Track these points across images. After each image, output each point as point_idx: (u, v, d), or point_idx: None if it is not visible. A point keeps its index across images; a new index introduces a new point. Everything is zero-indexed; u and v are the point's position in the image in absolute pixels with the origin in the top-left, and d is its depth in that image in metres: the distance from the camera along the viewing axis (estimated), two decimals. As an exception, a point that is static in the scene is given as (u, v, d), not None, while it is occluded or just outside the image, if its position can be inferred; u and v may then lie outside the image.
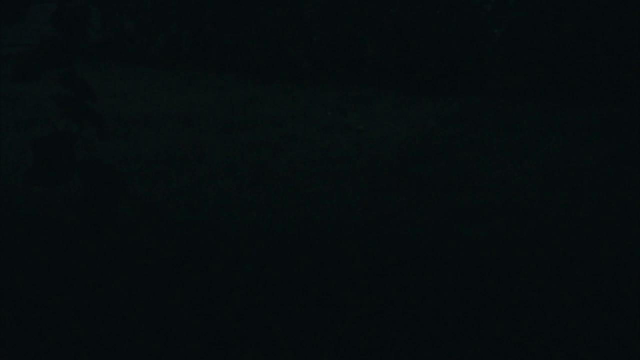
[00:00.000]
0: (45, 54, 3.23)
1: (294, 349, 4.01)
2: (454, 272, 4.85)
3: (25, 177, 3.10)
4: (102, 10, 10.65)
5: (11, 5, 3.31)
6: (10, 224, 5.50)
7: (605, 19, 8.68)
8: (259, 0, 10.04)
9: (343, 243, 5.28)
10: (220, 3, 10.28)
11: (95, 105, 3.43)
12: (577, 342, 4.05)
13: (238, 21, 10.20)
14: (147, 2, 10.73)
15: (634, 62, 8.60)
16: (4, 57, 8.74)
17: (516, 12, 8.86)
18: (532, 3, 8.82)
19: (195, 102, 8.71)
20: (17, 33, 7.22)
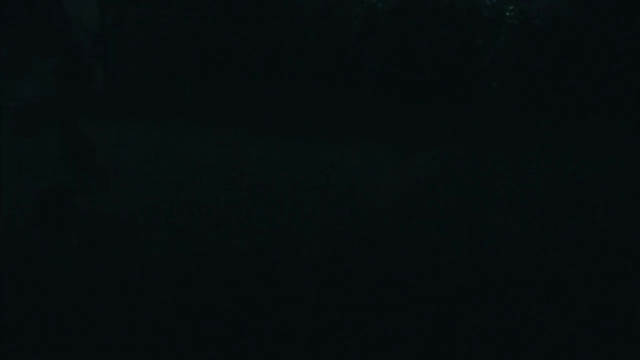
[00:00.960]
0: (48, 108, 3.29)
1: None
2: (452, 296, 4.86)
3: (26, 228, 3.14)
4: (105, 63, 10.76)
5: (15, 59, 3.38)
6: (11, 273, 5.51)
7: (601, 68, 8.77)
8: (259, 56, 10.14)
9: (341, 284, 5.30)
10: (219, 58, 10.38)
11: (96, 157, 3.48)
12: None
13: (239, 76, 10.30)
14: (149, 55, 10.84)
15: (631, 110, 8.67)
16: (7, 109, 8.82)
17: (513, 64, 8.96)
18: (529, 56, 8.91)
19: (195, 152, 8.76)
20: (20, 85, 7.31)
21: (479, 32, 9.13)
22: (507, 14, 9.01)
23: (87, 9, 8.76)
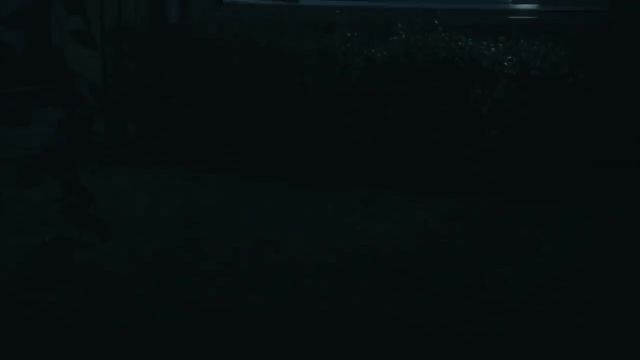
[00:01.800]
0: (49, 160, 3.29)
1: None
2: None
3: (26, 283, 3.13)
4: (106, 115, 10.81)
5: (15, 108, 3.39)
6: (11, 329, 5.47)
7: (601, 118, 8.79)
8: (260, 102, 10.18)
9: (342, 341, 5.27)
10: (220, 105, 10.42)
11: (97, 208, 3.47)
12: None
13: (239, 123, 10.32)
14: (149, 105, 10.88)
15: (631, 161, 8.68)
16: (5, 160, 8.82)
17: (512, 113, 8.98)
18: (528, 105, 8.94)
19: (196, 202, 8.75)
20: (17, 136, 7.31)
21: (477, 82, 9.17)
22: (506, 64, 9.06)
23: (90, 61, 8.81)
